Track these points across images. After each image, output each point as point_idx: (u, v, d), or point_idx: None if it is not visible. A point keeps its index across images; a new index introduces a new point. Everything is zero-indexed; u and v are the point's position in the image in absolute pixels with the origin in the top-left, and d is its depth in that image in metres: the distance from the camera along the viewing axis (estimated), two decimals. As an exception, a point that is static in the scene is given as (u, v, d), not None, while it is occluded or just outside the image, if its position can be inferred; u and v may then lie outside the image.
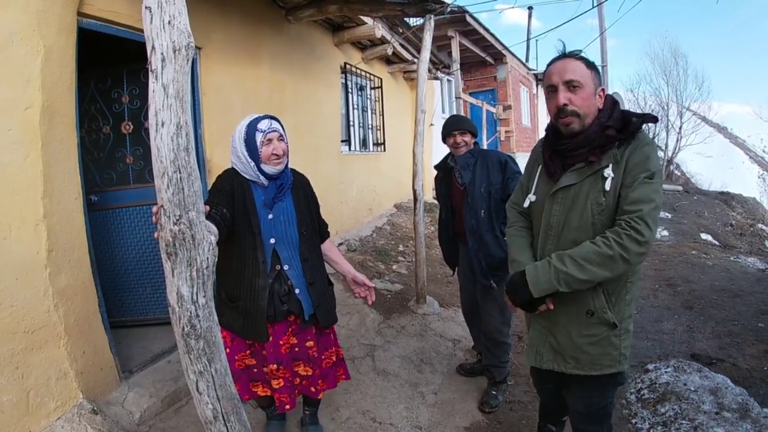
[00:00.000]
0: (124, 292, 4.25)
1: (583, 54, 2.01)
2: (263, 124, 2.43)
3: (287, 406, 2.61)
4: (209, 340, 1.63)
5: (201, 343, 1.60)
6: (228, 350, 2.47)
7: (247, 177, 2.47)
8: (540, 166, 2.21)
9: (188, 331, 1.58)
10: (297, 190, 2.65)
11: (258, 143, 2.40)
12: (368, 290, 2.84)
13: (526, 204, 2.25)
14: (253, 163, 2.42)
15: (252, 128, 2.42)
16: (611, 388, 2.22)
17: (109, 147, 4.20)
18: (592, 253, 1.86)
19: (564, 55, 2.02)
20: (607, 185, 1.91)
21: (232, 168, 2.52)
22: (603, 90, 2.00)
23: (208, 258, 1.62)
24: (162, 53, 1.53)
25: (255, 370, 2.62)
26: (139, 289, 4.27)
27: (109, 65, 4.12)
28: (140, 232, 4.24)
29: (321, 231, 2.79)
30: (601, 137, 1.93)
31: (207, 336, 1.62)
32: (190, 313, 1.57)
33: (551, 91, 2.00)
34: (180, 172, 1.52)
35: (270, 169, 2.44)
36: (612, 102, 2.03)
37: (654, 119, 2.08)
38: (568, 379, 2.23)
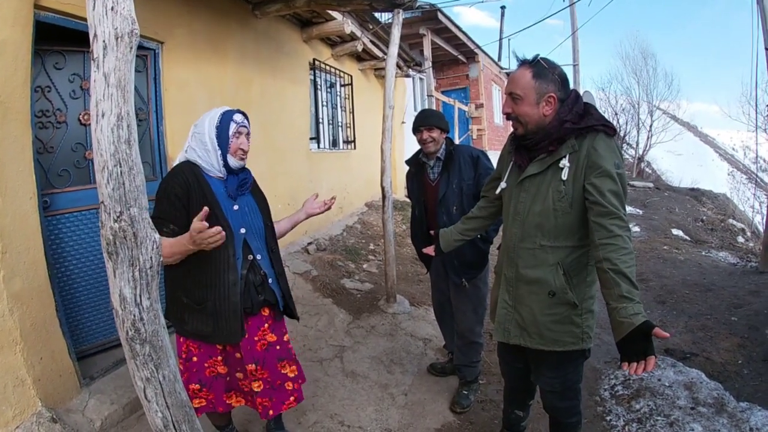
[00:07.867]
0: (86, 312, 3.59)
1: (540, 59, 2.13)
2: (238, 117, 2.41)
3: (270, 411, 2.53)
4: (155, 345, 1.55)
5: (147, 348, 1.53)
6: (195, 359, 2.41)
7: (205, 167, 2.38)
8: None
9: (132, 335, 1.50)
10: (254, 188, 2.64)
11: (230, 133, 2.36)
12: (326, 203, 2.87)
13: (498, 191, 2.43)
14: (219, 152, 2.35)
15: (227, 117, 2.37)
16: (581, 364, 2.40)
17: (64, 139, 3.48)
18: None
19: (520, 64, 2.17)
20: (564, 174, 2.07)
21: (185, 161, 2.41)
22: (552, 96, 2.10)
23: (152, 257, 1.53)
24: (104, 41, 1.47)
25: (228, 378, 2.54)
26: (103, 306, 3.64)
27: (67, 43, 3.46)
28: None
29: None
30: (560, 130, 2.09)
31: (153, 340, 1.54)
32: (134, 316, 1.50)
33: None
34: (121, 166, 1.45)
35: (234, 162, 2.39)
36: (575, 96, 2.16)
37: (613, 131, 2.12)
38: (538, 360, 2.38)
